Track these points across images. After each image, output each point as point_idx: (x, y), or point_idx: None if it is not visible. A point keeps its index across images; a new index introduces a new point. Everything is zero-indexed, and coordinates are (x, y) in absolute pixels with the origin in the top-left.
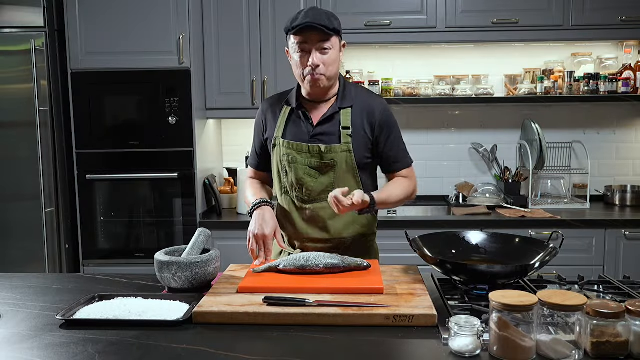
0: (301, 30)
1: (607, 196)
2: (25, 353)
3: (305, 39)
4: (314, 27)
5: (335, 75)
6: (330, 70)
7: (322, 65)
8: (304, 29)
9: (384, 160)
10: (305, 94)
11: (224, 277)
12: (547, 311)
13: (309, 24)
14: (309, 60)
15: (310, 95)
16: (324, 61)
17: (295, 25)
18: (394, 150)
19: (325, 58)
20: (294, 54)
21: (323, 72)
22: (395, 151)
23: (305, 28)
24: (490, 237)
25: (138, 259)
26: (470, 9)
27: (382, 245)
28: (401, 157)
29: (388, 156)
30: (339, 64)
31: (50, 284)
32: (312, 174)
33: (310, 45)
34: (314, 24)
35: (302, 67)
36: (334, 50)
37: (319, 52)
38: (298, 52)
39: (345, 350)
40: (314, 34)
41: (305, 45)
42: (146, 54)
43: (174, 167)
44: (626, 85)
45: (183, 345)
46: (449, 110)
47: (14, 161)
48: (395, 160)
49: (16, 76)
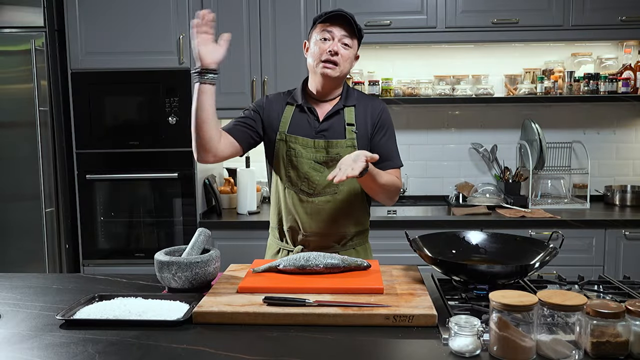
0: (331, 19)
1: (607, 196)
2: (25, 353)
3: (332, 27)
4: (344, 17)
5: (344, 74)
6: (345, 64)
7: (340, 55)
8: (334, 17)
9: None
10: (312, 88)
11: (224, 277)
12: (547, 311)
13: (341, 12)
14: (329, 47)
15: (317, 87)
16: (342, 54)
17: (328, 12)
18: (387, 149)
19: (344, 52)
20: (316, 42)
21: (338, 62)
22: (389, 150)
23: (337, 17)
24: (490, 237)
25: (138, 259)
26: (470, 9)
27: (382, 245)
28: (392, 156)
29: (380, 154)
30: (351, 68)
31: (50, 284)
32: (317, 168)
33: (335, 34)
34: (345, 13)
35: (321, 52)
36: (352, 51)
37: (341, 44)
38: (321, 38)
39: (345, 350)
40: (341, 25)
41: (330, 33)
42: (146, 54)
43: (174, 167)
44: (626, 85)
45: (183, 345)
46: (449, 110)
47: (14, 161)
48: (386, 159)
49: (16, 76)
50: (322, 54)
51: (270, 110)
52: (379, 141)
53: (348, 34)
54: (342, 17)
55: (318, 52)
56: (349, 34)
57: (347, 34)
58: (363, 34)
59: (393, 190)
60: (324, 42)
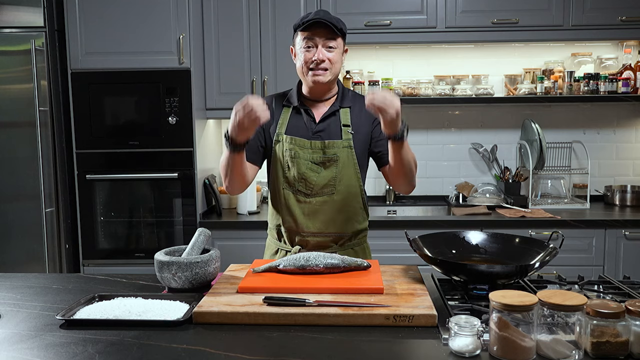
0: (310, 26)
1: (607, 196)
2: (25, 353)
3: (314, 35)
4: (323, 23)
5: (336, 75)
6: (334, 67)
7: (327, 61)
8: (313, 25)
9: (382, 153)
10: (306, 91)
11: (224, 277)
12: (547, 311)
13: (319, 19)
14: (314, 55)
15: (310, 92)
16: (329, 58)
17: (305, 20)
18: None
19: (330, 56)
20: (300, 49)
21: (327, 67)
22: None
23: (315, 24)
24: (490, 237)
25: (138, 259)
26: (470, 9)
27: (382, 245)
28: None
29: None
30: (341, 65)
31: (50, 284)
32: (314, 168)
33: (318, 41)
34: (324, 20)
35: (307, 62)
36: (338, 51)
37: (325, 49)
38: (305, 47)
39: (345, 350)
40: (322, 30)
41: (312, 41)
42: (146, 54)
43: (174, 167)
44: (626, 85)
45: (183, 345)
46: (449, 110)
47: (14, 161)
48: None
49: (16, 76)
50: (308, 63)
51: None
52: (380, 134)
53: (331, 36)
54: (320, 24)
55: (304, 61)
56: (332, 36)
57: (329, 36)
58: (346, 30)
59: (414, 171)
60: (308, 50)
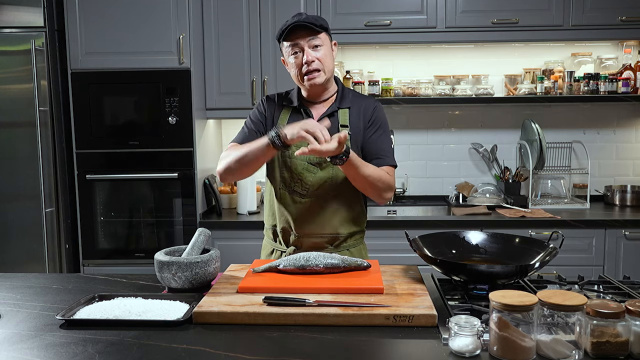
0: (290, 32)
1: (607, 196)
2: (25, 353)
3: (296, 39)
4: (301, 25)
5: (330, 71)
6: (326, 65)
7: (316, 60)
8: (292, 30)
9: (368, 153)
10: (305, 94)
11: (224, 277)
12: (547, 311)
13: (296, 23)
14: (303, 59)
15: (309, 95)
16: (318, 57)
17: (284, 29)
18: (378, 146)
19: (319, 55)
20: (289, 57)
21: (319, 67)
22: (380, 147)
23: (294, 28)
24: (490, 237)
25: (138, 259)
26: (470, 9)
27: (382, 245)
28: (384, 154)
29: (371, 150)
30: (333, 60)
31: (50, 284)
32: (310, 169)
33: (302, 44)
34: (300, 22)
35: (298, 67)
36: (325, 47)
37: (311, 49)
38: (292, 54)
39: (345, 350)
40: (303, 32)
41: (297, 46)
42: (146, 54)
43: (174, 167)
44: (626, 85)
45: (183, 345)
46: (449, 110)
47: (14, 161)
48: (376, 156)
49: (16, 76)
50: (299, 69)
51: (269, 113)
52: (370, 137)
53: (312, 35)
54: (299, 27)
55: (295, 67)
56: (313, 33)
57: (311, 36)
58: (327, 24)
59: (381, 186)
60: (296, 56)
